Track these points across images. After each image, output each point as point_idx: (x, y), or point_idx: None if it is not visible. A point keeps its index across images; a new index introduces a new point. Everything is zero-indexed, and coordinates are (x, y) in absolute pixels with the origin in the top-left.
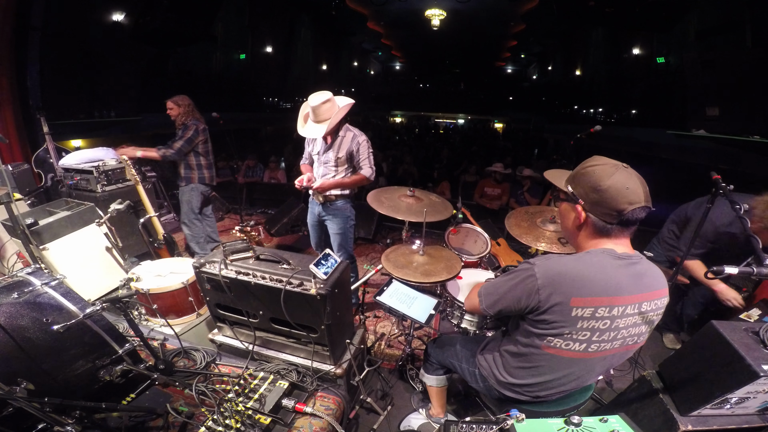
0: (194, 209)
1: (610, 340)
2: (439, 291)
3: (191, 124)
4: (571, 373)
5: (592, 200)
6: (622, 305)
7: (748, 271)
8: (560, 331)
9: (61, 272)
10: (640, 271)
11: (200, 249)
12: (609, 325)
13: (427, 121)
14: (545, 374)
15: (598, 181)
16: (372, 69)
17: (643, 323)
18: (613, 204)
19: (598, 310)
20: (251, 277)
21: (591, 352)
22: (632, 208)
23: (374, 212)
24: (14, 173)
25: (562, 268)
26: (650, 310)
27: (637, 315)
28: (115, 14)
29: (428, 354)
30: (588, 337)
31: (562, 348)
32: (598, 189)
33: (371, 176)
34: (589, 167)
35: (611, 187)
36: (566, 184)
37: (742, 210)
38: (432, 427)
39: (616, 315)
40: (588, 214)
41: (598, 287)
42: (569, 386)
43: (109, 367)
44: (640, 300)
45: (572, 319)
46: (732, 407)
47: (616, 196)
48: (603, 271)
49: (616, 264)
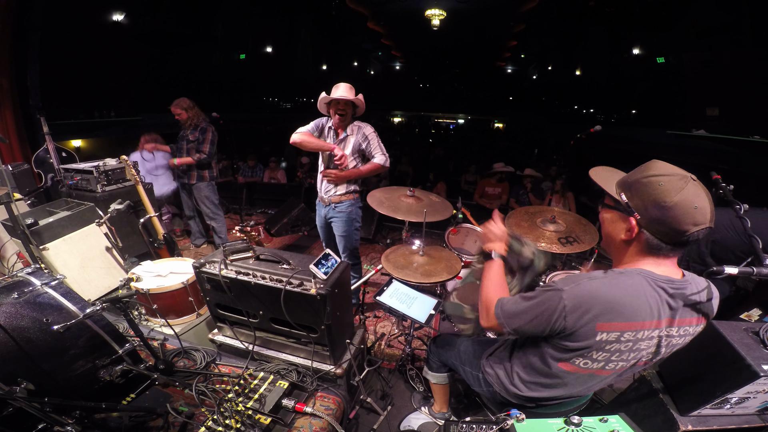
0: (215, 202)
1: (629, 359)
2: (439, 291)
3: (206, 126)
4: (584, 386)
5: (652, 217)
6: (650, 329)
7: (748, 271)
8: (581, 353)
9: (61, 272)
10: (682, 296)
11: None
12: (631, 347)
13: (427, 121)
14: (559, 389)
15: (663, 196)
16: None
17: (665, 346)
18: (676, 225)
19: (624, 335)
20: (251, 277)
21: (608, 369)
22: (696, 230)
23: (374, 212)
24: (14, 173)
25: (594, 293)
26: (678, 335)
27: (663, 338)
28: (115, 14)
29: (430, 352)
30: (607, 357)
31: (580, 366)
32: (663, 206)
33: (386, 162)
34: (653, 177)
35: (678, 205)
36: (619, 191)
37: (741, 210)
38: (432, 427)
39: (641, 338)
40: (643, 230)
41: (629, 313)
42: (578, 394)
43: (109, 367)
44: (670, 324)
45: (596, 343)
46: (732, 407)
47: (682, 216)
48: (638, 296)
49: (657, 290)
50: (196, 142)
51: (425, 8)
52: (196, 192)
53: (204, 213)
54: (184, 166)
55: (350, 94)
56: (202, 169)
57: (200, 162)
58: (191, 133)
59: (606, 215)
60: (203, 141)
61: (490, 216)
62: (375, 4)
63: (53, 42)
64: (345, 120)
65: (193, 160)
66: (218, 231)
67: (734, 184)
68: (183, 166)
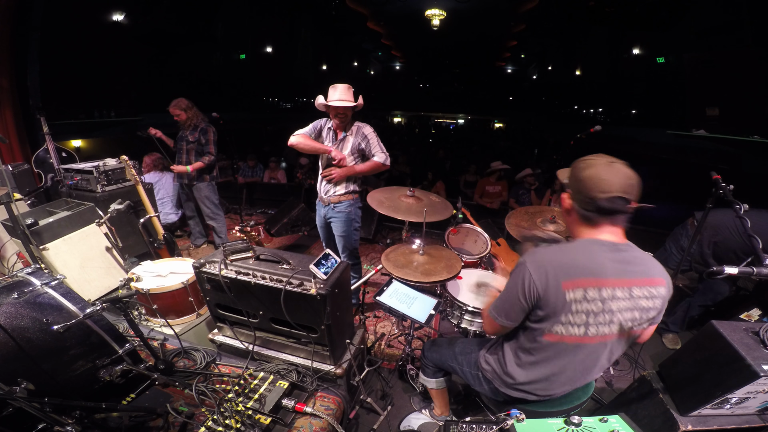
0: (215, 202)
1: (607, 323)
2: (439, 291)
3: (206, 126)
4: (577, 361)
5: (574, 189)
6: (611, 287)
7: (748, 271)
8: (558, 318)
9: (61, 272)
10: (627, 258)
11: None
12: (602, 308)
13: (427, 121)
14: (551, 365)
15: (578, 172)
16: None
17: (636, 309)
18: (587, 192)
19: (588, 292)
20: (251, 277)
21: (591, 335)
22: (605, 197)
23: (374, 212)
24: (14, 173)
25: (551, 256)
26: (642, 296)
27: (628, 299)
28: (115, 14)
29: (425, 357)
30: (585, 321)
31: (563, 334)
32: (577, 178)
33: (386, 161)
34: (580, 161)
35: (587, 177)
36: (566, 176)
37: (741, 210)
38: (432, 427)
39: (606, 297)
40: (572, 201)
41: (584, 270)
42: (577, 380)
43: (109, 367)
44: (629, 285)
45: (566, 304)
46: (732, 407)
47: (590, 185)
48: (587, 255)
49: (600, 249)
50: (197, 143)
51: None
52: (196, 192)
53: (204, 213)
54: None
55: (348, 96)
56: (203, 169)
57: None
58: (191, 134)
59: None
60: (207, 142)
61: (490, 215)
62: (375, 4)
63: (53, 42)
64: (344, 121)
65: (204, 163)
66: (218, 231)
67: (734, 184)
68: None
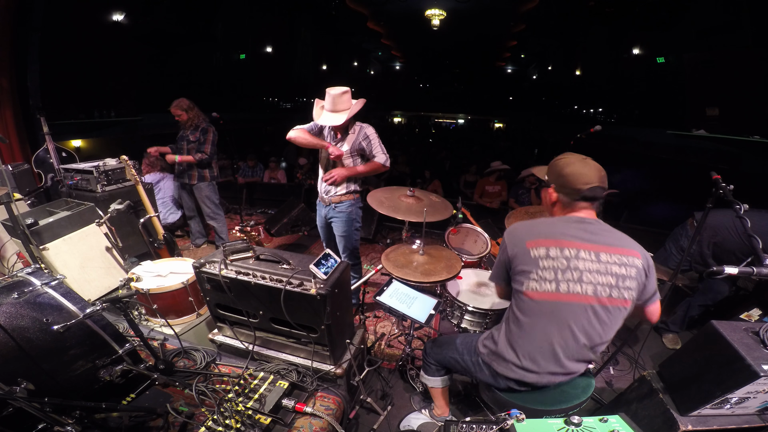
0: (215, 202)
1: (576, 280)
2: (439, 291)
3: (207, 126)
4: (557, 321)
5: (559, 183)
6: (573, 248)
7: (748, 271)
8: (528, 274)
9: (61, 272)
10: (593, 229)
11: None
12: (567, 265)
13: (427, 121)
14: (536, 332)
15: (561, 170)
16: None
17: (609, 274)
18: (572, 185)
19: (550, 251)
20: (251, 277)
21: (563, 292)
22: (587, 187)
23: (374, 212)
24: (14, 173)
25: (519, 226)
26: (612, 262)
27: (597, 263)
28: (115, 14)
29: (427, 355)
30: (554, 276)
31: (537, 290)
32: (561, 174)
33: (386, 162)
34: (557, 160)
35: (570, 173)
36: (545, 174)
37: (741, 210)
38: (432, 427)
39: (569, 256)
40: (558, 194)
41: (545, 233)
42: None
43: (109, 367)
44: (595, 249)
45: (532, 260)
46: (732, 407)
47: (574, 179)
48: (551, 224)
49: (566, 221)
50: (197, 142)
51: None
52: (196, 192)
53: (204, 213)
54: (184, 165)
55: (342, 106)
56: (203, 169)
57: (201, 162)
58: (191, 134)
59: (543, 192)
60: (204, 141)
61: (490, 215)
62: (375, 4)
63: (53, 42)
64: (347, 122)
65: (194, 159)
66: (219, 231)
67: (734, 184)
68: (183, 164)
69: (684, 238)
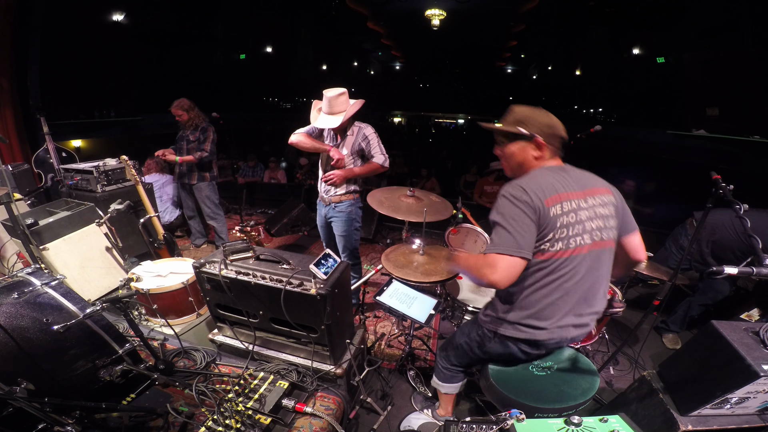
0: (215, 202)
1: (581, 233)
2: (439, 291)
3: (207, 126)
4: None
5: (547, 133)
6: (576, 199)
7: (748, 271)
8: (546, 236)
9: (61, 272)
10: (573, 175)
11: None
12: (575, 219)
13: (427, 121)
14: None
15: (541, 119)
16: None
17: (597, 217)
18: (557, 132)
19: (563, 205)
20: (251, 277)
21: (572, 247)
22: (564, 133)
23: (374, 212)
24: (14, 173)
25: (530, 181)
26: (597, 204)
27: (588, 209)
28: (115, 14)
29: (439, 357)
30: (566, 234)
31: (549, 250)
32: (546, 124)
33: (385, 162)
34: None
35: (550, 122)
36: (517, 127)
37: (741, 210)
38: (432, 427)
39: (575, 208)
40: (546, 144)
41: (553, 188)
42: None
43: (109, 367)
44: (584, 195)
45: (552, 220)
46: (732, 407)
47: (559, 128)
48: (548, 176)
49: (552, 172)
50: (197, 142)
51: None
52: (196, 192)
53: (204, 213)
54: (184, 165)
55: (339, 107)
56: (203, 169)
57: (201, 162)
58: (191, 134)
59: (513, 148)
60: (205, 140)
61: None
62: (375, 4)
63: (53, 42)
64: (344, 124)
65: (195, 158)
66: (219, 231)
67: (734, 184)
68: (184, 165)
69: (684, 237)
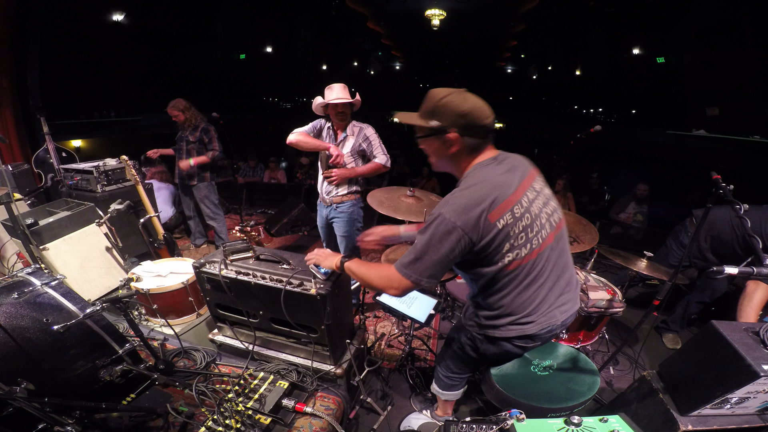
0: (215, 202)
1: (540, 228)
2: (439, 291)
3: (206, 125)
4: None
5: (462, 124)
6: (523, 196)
7: (748, 271)
8: (505, 247)
9: (61, 272)
10: (511, 164)
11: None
12: (531, 217)
13: None
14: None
15: (458, 107)
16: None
17: (546, 203)
18: (478, 121)
19: (514, 211)
20: (251, 278)
21: (536, 246)
22: (489, 121)
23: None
24: (14, 173)
25: (465, 201)
26: (538, 188)
27: (536, 199)
28: (115, 14)
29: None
30: (525, 236)
31: (517, 258)
32: (464, 114)
33: (387, 162)
34: (443, 100)
35: (471, 109)
36: (427, 121)
37: (741, 210)
38: (432, 427)
39: (526, 206)
40: (463, 138)
41: (499, 194)
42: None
43: (109, 367)
44: (527, 186)
45: (503, 231)
46: (732, 407)
47: (477, 115)
48: (492, 181)
49: (491, 169)
50: (198, 142)
51: (425, 8)
52: (196, 192)
53: (204, 213)
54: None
55: (346, 94)
56: (203, 169)
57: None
58: (191, 134)
59: (431, 143)
60: (210, 140)
61: None
62: (375, 4)
63: (53, 42)
64: (344, 121)
65: (208, 158)
66: (219, 231)
67: (734, 184)
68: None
69: (684, 234)
